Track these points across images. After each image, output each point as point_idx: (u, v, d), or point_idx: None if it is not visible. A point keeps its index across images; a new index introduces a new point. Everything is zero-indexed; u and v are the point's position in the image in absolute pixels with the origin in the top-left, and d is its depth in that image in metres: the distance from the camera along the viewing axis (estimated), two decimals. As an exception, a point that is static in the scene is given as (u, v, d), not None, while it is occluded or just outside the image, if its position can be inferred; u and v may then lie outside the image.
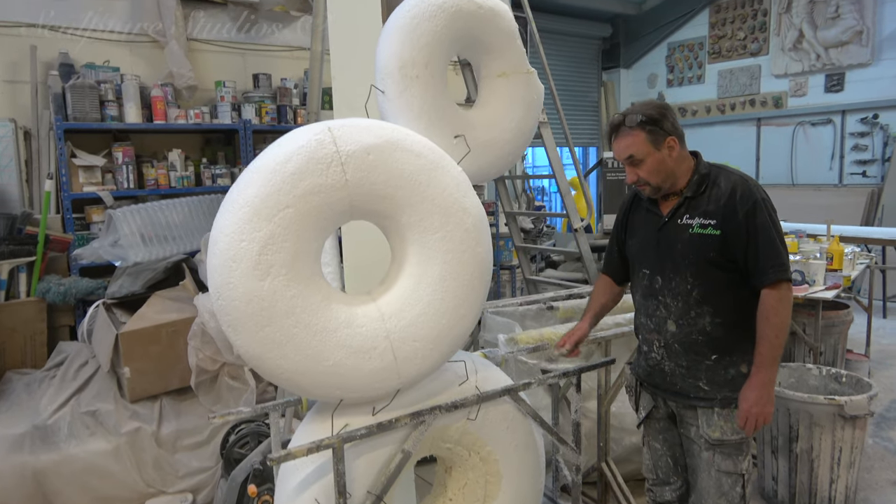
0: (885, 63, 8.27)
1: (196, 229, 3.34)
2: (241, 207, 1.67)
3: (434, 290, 1.87)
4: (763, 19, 9.55)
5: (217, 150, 4.17)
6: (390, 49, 1.94)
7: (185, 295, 3.12)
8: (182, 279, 3.18)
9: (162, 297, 3.07)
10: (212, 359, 2.93)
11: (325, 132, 1.75)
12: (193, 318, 2.98)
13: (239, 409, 2.06)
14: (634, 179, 2.00)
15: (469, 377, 2.12)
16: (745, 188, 1.94)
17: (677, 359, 2.07)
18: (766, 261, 1.90)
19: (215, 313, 1.73)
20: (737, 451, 2.04)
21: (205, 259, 3.06)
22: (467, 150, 2.01)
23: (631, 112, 1.99)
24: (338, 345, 1.76)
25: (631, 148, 1.96)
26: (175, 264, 3.20)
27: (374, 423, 1.90)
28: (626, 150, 1.97)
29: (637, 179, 2.00)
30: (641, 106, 1.99)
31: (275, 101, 4.19)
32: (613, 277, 2.32)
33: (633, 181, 2.00)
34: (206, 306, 2.92)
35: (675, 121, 2.03)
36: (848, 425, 2.78)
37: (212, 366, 2.93)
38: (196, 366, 2.88)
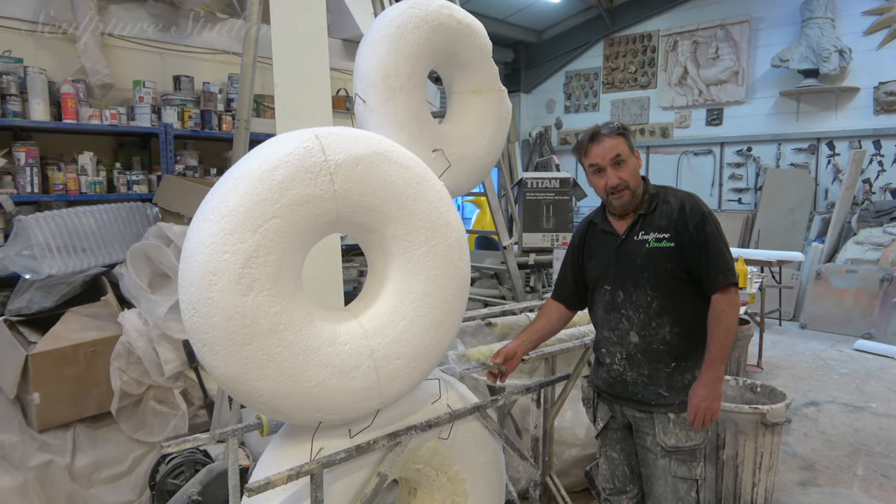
0: (758, 101, 9.15)
1: (115, 239, 3.05)
2: (223, 217, 1.55)
3: (418, 307, 1.82)
4: (652, 55, 10.28)
5: (132, 154, 3.84)
6: (375, 58, 1.89)
7: (106, 311, 2.83)
8: (100, 294, 2.88)
9: (78, 313, 2.76)
10: (137, 381, 2.67)
11: (313, 140, 1.67)
12: (115, 336, 2.71)
13: (195, 436, 1.89)
14: (617, 182, 2.06)
15: (441, 395, 2.08)
16: (692, 203, 2.10)
17: (639, 368, 2.15)
18: (714, 268, 2.05)
19: (188, 332, 1.59)
20: (691, 457, 2.15)
21: (130, 271, 2.81)
22: (448, 164, 1.99)
23: (602, 125, 2.10)
24: (321, 364, 1.67)
25: (617, 147, 2.05)
26: (93, 278, 2.89)
27: (353, 446, 1.81)
28: (613, 149, 2.04)
29: (619, 183, 2.06)
30: (607, 123, 2.11)
31: (198, 105, 3.94)
32: (565, 303, 2.37)
33: (615, 184, 2.06)
34: (132, 324, 2.66)
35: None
36: (769, 432, 3.00)
37: (137, 389, 2.67)
38: (119, 389, 2.62)
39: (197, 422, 2.83)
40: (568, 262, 2.35)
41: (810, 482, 3.51)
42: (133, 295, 2.80)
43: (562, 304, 2.36)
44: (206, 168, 4.10)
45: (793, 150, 8.82)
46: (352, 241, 4.72)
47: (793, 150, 8.82)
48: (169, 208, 3.12)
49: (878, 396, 4.94)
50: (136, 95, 3.71)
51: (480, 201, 9.00)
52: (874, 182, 8.14)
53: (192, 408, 2.81)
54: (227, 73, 4.25)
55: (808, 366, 5.78)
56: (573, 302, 2.34)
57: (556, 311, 2.36)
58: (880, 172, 8.11)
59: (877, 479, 3.53)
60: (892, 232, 7.41)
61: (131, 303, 2.88)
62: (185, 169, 3.84)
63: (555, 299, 2.39)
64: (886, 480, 3.51)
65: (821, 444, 3.99)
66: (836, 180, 8.43)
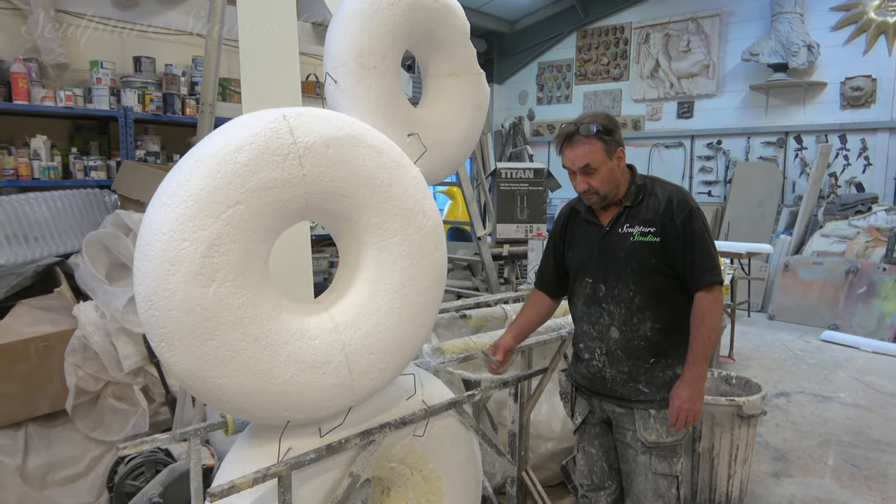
0: (728, 95, 9.22)
1: (69, 228, 2.88)
2: (182, 202, 1.44)
3: (392, 298, 1.73)
4: (624, 48, 10.29)
5: (89, 138, 3.65)
6: (347, 36, 1.79)
7: (60, 304, 2.67)
8: (54, 285, 2.72)
9: (30, 306, 2.60)
10: (94, 377, 2.52)
11: (281, 120, 1.56)
12: (70, 330, 2.56)
13: (154, 436, 1.77)
14: (585, 188, 2.00)
15: (416, 391, 1.99)
16: (680, 197, 2.03)
17: (619, 364, 2.09)
18: (700, 265, 1.99)
19: (144, 326, 1.47)
20: (672, 453, 2.10)
21: (87, 262, 2.66)
22: (423, 149, 1.90)
23: (584, 122, 1.99)
24: (289, 360, 1.57)
25: (588, 157, 1.96)
26: (46, 268, 2.72)
27: (323, 446, 1.72)
28: (583, 158, 1.96)
29: (587, 189, 2.00)
30: (593, 116, 2.00)
31: (160, 88, 3.75)
32: (547, 292, 2.30)
33: (584, 190, 2.01)
34: (88, 317, 2.51)
35: (620, 134, 2.07)
36: (744, 424, 2.99)
37: (94, 385, 2.53)
38: (75, 386, 2.47)
39: (158, 419, 2.69)
40: (549, 249, 2.28)
41: (783, 473, 3.52)
42: (89, 286, 2.65)
43: (545, 293, 2.29)
44: (168, 154, 3.92)
45: (762, 143, 8.92)
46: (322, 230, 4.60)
47: (762, 144, 8.92)
48: (129, 195, 2.96)
49: (846, 387, 5.00)
50: (94, 77, 3.52)
51: (452, 192, 8.91)
52: (840, 176, 8.27)
53: (153, 405, 2.67)
54: (191, 56, 4.07)
55: (778, 356, 5.84)
56: (556, 290, 2.27)
57: (542, 300, 2.30)
58: (846, 166, 8.24)
59: (847, 469, 3.56)
60: (857, 225, 7.54)
61: (87, 294, 2.73)
62: (146, 155, 3.67)
63: (538, 288, 2.32)
64: (857, 470, 3.54)
65: (792, 435, 4.02)
66: (803, 174, 8.56)
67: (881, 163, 8.01)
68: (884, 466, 3.60)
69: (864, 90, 8.03)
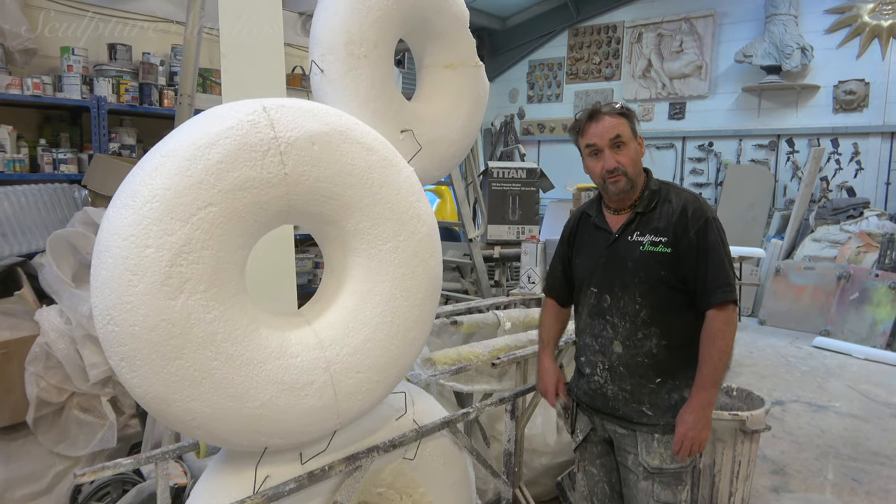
0: (720, 97, 9.14)
1: (34, 225, 2.68)
2: (146, 202, 1.27)
3: (382, 311, 1.57)
4: (616, 47, 10.18)
5: (59, 130, 3.43)
6: (336, 20, 1.62)
7: (21, 308, 2.47)
8: (16, 287, 2.52)
9: (-12, 310, 2.41)
10: (57, 388, 2.33)
11: (260, 112, 1.40)
12: (32, 336, 2.37)
13: (116, 461, 1.60)
14: (614, 165, 1.85)
15: (407, 410, 1.83)
16: (696, 205, 1.88)
17: (621, 382, 1.95)
18: (714, 281, 1.84)
19: (102, 343, 1.30)
20: (676, 480, 1.96)
21: (51, 262, 2.46)
22: (418, 147, 1.73)
23: (603, 104, 1.89)
24: (268, 380, 1.41)
25: (619, 128, 1.83)
26: (7, 269, 2.52)
27: (305, 474, 1.55)
28: (614, 129, 1.83)
29: (616, 167, 1.85)
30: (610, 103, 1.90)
31: (136, 77, 3.55)
32: (558, 300, 2.17)
33: (613, 167, 1.85)
34: (51, 322, 2.32)
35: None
36: (747, 439, 2.86)
37: (57, 397, 2.34)
38: (36, 397, 2.28)
39: (128, 432, 2.51)
40: (558, 255, 2.13)
41: (783, 487, 3.40)
42: (54, 289, 2.46)
43: (555, 301, 2.15)
44: (144, 147, 3.72)
45: (753, 146, 8.85)
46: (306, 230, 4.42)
47: (753, 146, 8.85)
48: (100, 191, 2.77)
49: (840, 395, 4.91)
50: (64, 64, 3.31)
51: (441, 191, 8.76)
52: (831, 180, 8.22)
53: (122, 417, 2.49)
54: (170, 44, 3.87)
55: (770, 363, 5.75)
56: (565, 298, 2.14)
57: (557, 314, 2.18)
58: (837, 171, 8.18)
59: (848, 483, 3.45)
60: (849, 230, 7.49)
61: (52, 298, 2.54)
62: (120, 148, 3.47)
63: (547, 296, 2.19)
64: (857, 485, 3.43)
65: (789, 446, 3.91)
66: (794, 177, 8.49)
67: (873, 167, 7.96)
68: (884, 481, 3.49)
69: (857, 94, 7.97)
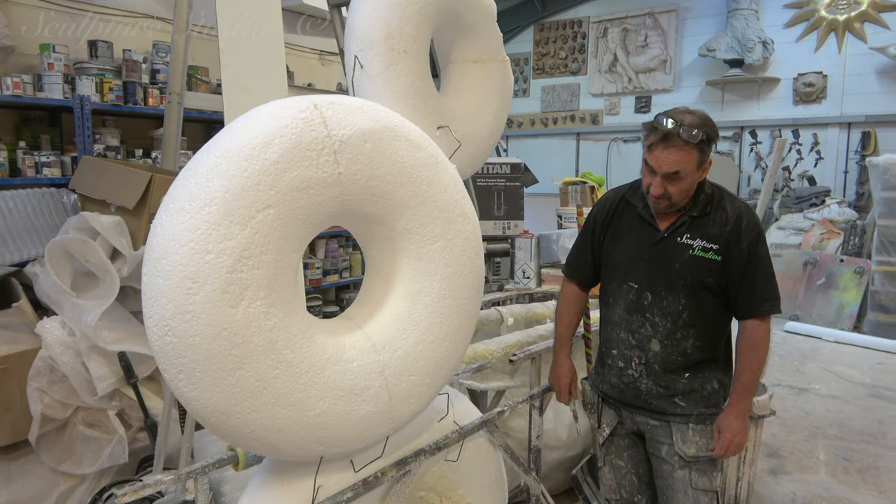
0: (685, 90, 9.33)
1: (24, 233, 2.53)
2: (204, 205, 1.20)
3: (432, 312, 1.54)
4: (582, 41, 10.28)
5: (39, 131, 3.25)
6: (375, 14, 1.57)
7: (18, 320, 2.33)
8: (10, 300, 2.37)
9: (-18, 323, 2.27)
10: (62, 403, 2.21)
11: (312, 110, 1.34)
12: (31, 350, 2.24)
13: (156, 479, 1.52)
14: (660, 193, 1.81)
15: (448, 411, 1.81)
16: (750, 217, 1.88)
17: (656, 378, 1.96)
18: (762, 294, 1.86)
19: (156, 355, 1.23)
20: (712, 466, 1.99)
21: (50, 271, 2.34)
22: (457, 143, 1.70)
23: (687, 123, 1.75)
24: (326, 387, 1.36)
25: (680, 164, 1.76)
26: (1, 279, 2.38)
27: (360, 482, 1.51)
28: (675, 165, 1.76)
29: (662, 194, 1.82)
30: (699, 121, 1.78)
31: (119, 75, 3.39)
32: (581, 283, 2.14)
33: (658, 195, 1.82)
34: (54, 335, 2.20)
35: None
36: (753, 425, 2.93)
37: (62, 412, 2.22)
38: (40, 413, 2.16)
39: (136, 446, 2.40)
40: (587, 237, 2.10)
41: (780, 470, 3.50)
42: (53, 299, 2.33)
43: (577, 284, 2.13)
44: (128, 149, 3.57)
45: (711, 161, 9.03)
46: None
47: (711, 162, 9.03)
48: (91, 195, 2.64)
49: (818, 378, 5.08)
50: (44, 62, 3.14)
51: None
52: (793, 170, 8.48)
53: (130, 431, 2.38)
54: (150, 41, 3.72)
55: (748, 349, 5.90)
56: (590, 281, 2.13)
57: (577, 297, 2.16)
58: (798, 160, 8.45)
59: (840, 463, 3.57)
60: (812, 218, 7.74)
61: (50, 309, 2.40)
62: (105, 149, 3.31)
63: (569, 278, 2.17)
64: (849, 464, 3.55)
65: (779, 430, 4.02)
66: (758, 167, 8.74)
67: (832, 157, 8.25)
68: (872, 459, 3.62)
69: (816, 86, 8.24)
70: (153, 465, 2.25)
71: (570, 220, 4.52)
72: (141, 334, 2.42)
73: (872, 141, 7.87)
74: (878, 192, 6.38)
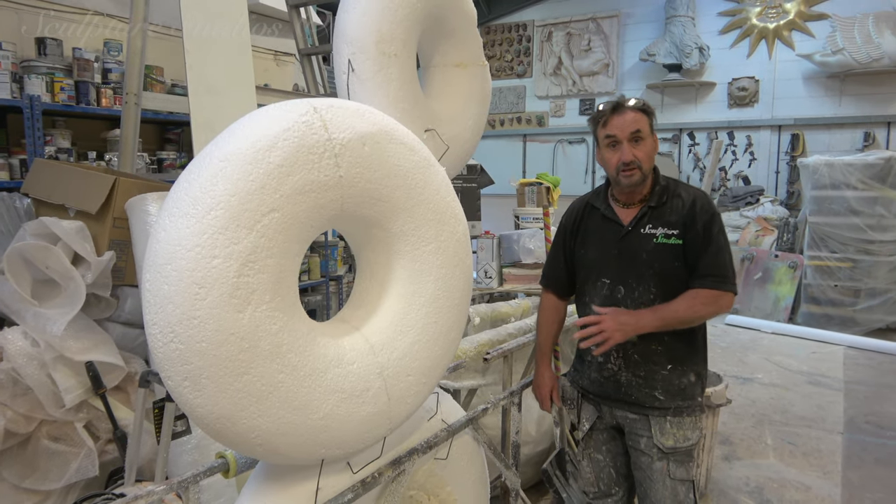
0: (627, 93, 9.61)
1: (-26, 240, 2.40)
2: (210, 210, 1.20)
3: (427, 313, 1.56)
4: (528, 45, 10.47)
5: (-16, 133, 3.10)
6: (366, 19, 1.59)
7: (-26, 331, 2.21)
8: (-36, 309, 2.25)
9: (-64, 336, 2.13)
10: (26, 417, 2.10)
11: (312, 113, 1.35)
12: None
13: (150, 490, 1.49)
14: (630, 158, 1.91)
15: (437, 410, 1.83)
16: (704, 200, 2.00)
17: (635, 369, 2.04)
18: (705, 269, 1.95)
19: (159, 363, 1.21)
20: (688, 457, 2.08)
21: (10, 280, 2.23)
22: (444, 146, 1.73)
23: (627, 98, 1.98)
24: (329, 390, 1.37)
25: (639, 123, 1.92)
26: (-48, 289, 2.25)
27: (358, 482, 1.52)
28: (635, 123, 1.91)
29: (633, 160, 1.92)
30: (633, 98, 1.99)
31: (70, 75, 3.25)
32: (558, 292, 2.21)
33: (630, 160, 1.91)
34: (17, 346, 2.09)
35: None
36: (711, 413, 3.08)
37: (25, 427, 2.10)
38: (3, 428, 2.05)
39: (105, 459, 2.31)
40: (559, 246, 2.17)
41: (732, 456, 3.67)
42: (13, 309, 2.22)
43: (555, 294, 2.20)
44: (80, 150, 3.42)
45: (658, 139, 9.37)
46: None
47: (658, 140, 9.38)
48: (48, 200, 2.52)
49: (760, 367, 5.36)
50: (-11, 60, 2.99)
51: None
52: (729, 170, 8.88)
53: (98, 443, 2.29)
54: (101, 38, 3.58)
55: (694, 342, 6.15)
56: (567, 289, 2.19)
57: (555, 306, 2.21)
58: (734, 161, 8.86)
59: (786, 447, 3.78)
60: (748, 216, 8.13)
61: (7, 318, 2.29)
62: (56, 151, 3.16)
63: (546, 288, 2.23)
64: (794, 447, 3.77)
65: (728, 418, 4.22)
66: (696, 168, 9.11)
67: (764, 158, 8.69)
68: (815, 442, 3.86)
69: (749, 90, 8.66)
70: (125, 478, 2.19)
71: (528, 221, 4.61)
72: (107, 343, 2.33)
73: (801, 142, 8.33)
74: (808, 191, 6.77)
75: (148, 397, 2.15)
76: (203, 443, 2.24)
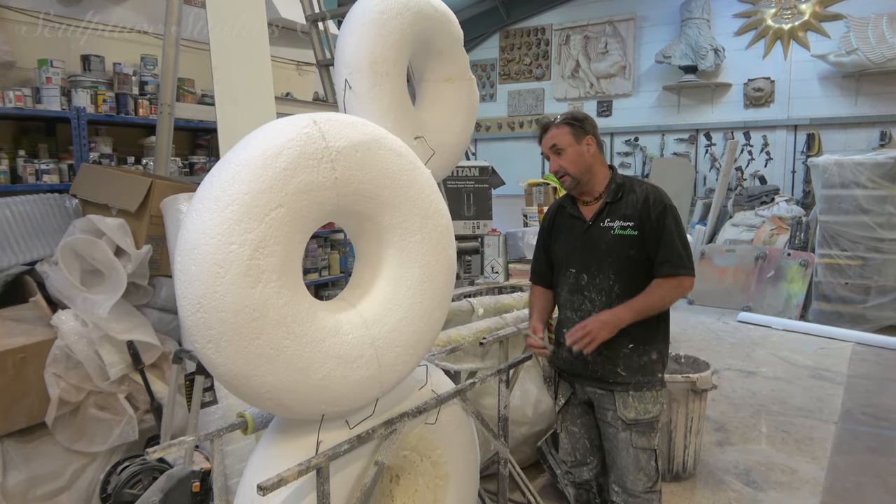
0: (643, 94, 9.79)
1: (31, 235, 2.75)
2: (228, 205, 1.48)
3: (413, 294, 1.83)
4: (546, 48, 10.68)
5: (37, 141, 3.46)
6: (363, 42, 1.86)
7: (33, 314, 2.54)
8: (23, 295, 2.59)
9: (1, 317, 2.47)
10: (76, 387, 2.44)
11: (312, 125, 1.63)
12: (47, 341, 2.45)
13: (181, 439, 1.78)
14: (556, 168, 2.23)
15: (426, 381, 2.10)
16: (656, 194, 2.24)
17: (601, 348, 2.27)
18: (663, 257, 2.19)
19: (188, 329, 1.50)
20: (650, 428, 2.30)
21: (63, 269, 2.57)
22: (431, 151, 2.00)
23: (554, 117, 2.28)
24: (327, 355, 1.64)
25: (555, 139, 2.21)
26: (15, 278, 2.59)
27: (355, 437, 1.79)
28: (552, 139, 2.22)
29: (559, 168, 2.22)
30: (567, 111, 2.31)
31: (111, 88, 3.61)
32: (542, 284, 2.47)
33: (555, 170, 2.23)
34: (69, 326, 2.42)
35: (595, 127, 2.29)
36: (698, 398, 3.28)
37: (76, 396, 2.44)
38: (58, 397, 2.38)
39: (143, 427, 2.64)
40: (539, 244, 2.45)
41: (725, 442, 3.86)
42: (65, 295, 2.56)
43: (540, 285, 2.45)
44: (120, 156, 3.79)
45: (675, 140, 9.52)
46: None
47: (675, 140, 9.53)
48: (93, 200, 2.86)
49: (765, 362, 5.50)
50: (42, 76, 3.34)
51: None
52: (745, 170, 8.98)
53: (137, 413, 2.61)
54: (138, 54, 3.94)
55: (703, 338, 6.32)
56: (548, 282, 2.44)
57: (543, 293, 2.46)
58: (750, 161, 8.96)
59: (779, 435, 3.95)
60: (763, 215, 8.24)
61: (61, 303, 2.63)
62: (99, 157, 3.53)
63: (534, 282, 2.48)
64: (787, 435, 3.94)
65: (727, 408, 4.40)
66: (712, 168, 9.23)
67: (780, 157, 8.77)
68: (808, 430, 4.02)
69: (765, 91, 8.76)
70: (160, 442, 2.50)
71: (534, 219, 4.86)
72: (145, 325, 2.66)
73: (816, 142, 8.40)
74: (819, 190, 6.86)
75: (180, 372, 2.47)
76: (227, 413, 2.54)
